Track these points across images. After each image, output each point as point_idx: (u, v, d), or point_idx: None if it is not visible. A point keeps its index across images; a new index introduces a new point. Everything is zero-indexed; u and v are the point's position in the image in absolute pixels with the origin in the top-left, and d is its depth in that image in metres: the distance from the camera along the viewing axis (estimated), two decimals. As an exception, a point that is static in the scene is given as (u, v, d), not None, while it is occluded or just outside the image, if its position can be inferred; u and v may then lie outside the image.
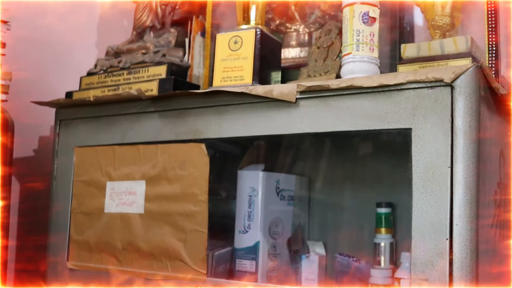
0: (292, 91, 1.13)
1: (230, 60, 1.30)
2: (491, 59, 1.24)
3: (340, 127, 1.10)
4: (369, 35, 1.18)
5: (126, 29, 1.92)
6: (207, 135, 1.26)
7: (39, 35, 1.75)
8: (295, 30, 1.60)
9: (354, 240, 1.50)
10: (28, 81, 1.66)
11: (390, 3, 1.44)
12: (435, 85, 1.02)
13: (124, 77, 1.52)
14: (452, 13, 1.31)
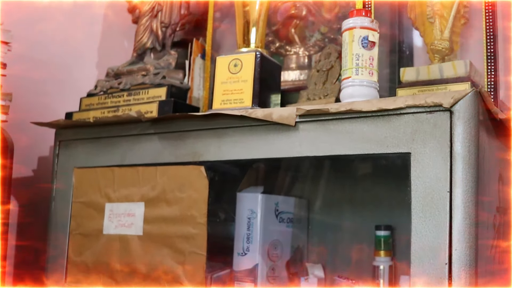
0: (292, 114, 1.14)
1: (230, 83, 1.30)
2: (490, 83, 1.25)
3: (339, 151, 1.11)
4: (368, 59, 1.18)
5: (127, 49, 1.93)
6: (206, 158, 1.26)
7: (40, 55, 1.75)
8: (295, 52, 1.61)
9: (353, 262, 1.49)
10: (28, 101, 1.67)
11: (390, 26, 1.45)
12: (434, 109, 1.02)
13: (124, 98, 1.52)
14: (451, 37, 1.31)
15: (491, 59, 1.24)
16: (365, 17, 1.20)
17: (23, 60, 1.64)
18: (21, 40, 1.56)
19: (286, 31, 1.64)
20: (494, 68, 1.25)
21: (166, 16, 1.61)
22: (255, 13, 1.36)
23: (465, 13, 1.33)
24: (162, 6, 1.62)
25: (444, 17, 1.33)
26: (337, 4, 1.57)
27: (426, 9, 1.34)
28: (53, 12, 1.79)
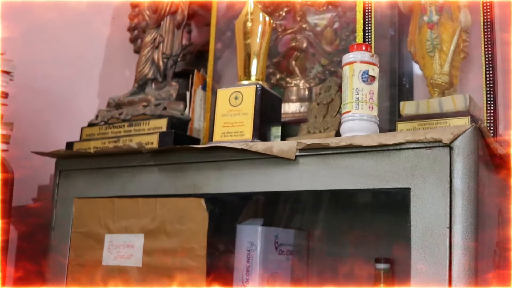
0: (292, 148, 1.14)
1: (230, 116, 1.31)
2: (490, 117, 1.25)
3: (339, 186, 1.11)
4: (368, 94, 1.19)
5: (128, 79, 1.94)
6: (206, 190, 1.26)
7: (41, 84, 1.76)
8: (296, 84, 1.61)
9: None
10: (30, 130, 1.67)
11: (390, 59, 1.46)
12: (433, 145, 1.03)
13: (125, 129, 1.53)
14: (450, 71, 1.32)
15: (490, 93, 1.25)
16: (365, 51, 1.21)
17: (25, 89, 1.64)
18: (22, 69, 1.56)
19: (286, 63, 1.65)
20: (493, 103, 1.25)
21: (167, 47, 1.62)
22: (256, 45, 1.37)
23: (465, 48, 1.34)
24: (163, 37, 1.63)
25: (443, 51, 1.34)
26: (338, 37, 1.58)
27: (425, 43, 1.35)
28: (54, 42, 1.80)
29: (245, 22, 1.38)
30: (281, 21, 1.69)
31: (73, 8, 1.88)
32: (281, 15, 1.69)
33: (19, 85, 1.53)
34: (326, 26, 1.61)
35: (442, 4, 1.36)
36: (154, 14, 1.68)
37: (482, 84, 1.27)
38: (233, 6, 1.75)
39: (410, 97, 1.48)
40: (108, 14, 2.02)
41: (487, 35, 1.26)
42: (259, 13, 1.38)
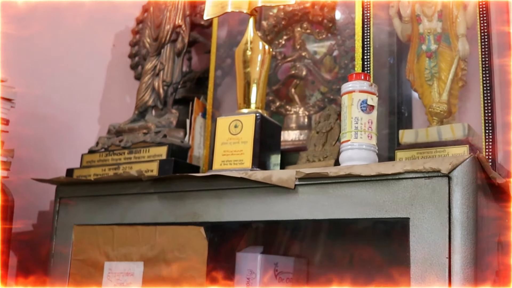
0: (291, 177, 1.14)
1: (230, 144, 1.31)
2: (488, 146, 1.25)
3: (338, 215, 1.11)
4: (367, 123, 1.19)
5: (129, 105, 1.95)
6: (206, 219, 1.26)
7: (42, 110, 1.77)
8: (295, 112, 1.62)
9: (353, 323, 1.48)
10: (30, 157, 1.67)
11: (389, 88, 1.47)
12: (432, 175, 1.03)
13: (125, 156, 1.54)
14: (449, 100, 1.33)
15: (489, 122, 1.25)
16: (364, 81, 1.22)
17: (26, 116, 1.65)
18: (23, 95, 1.57)
19: (286, 91, 1.66)
20: (492, 131, 1.26)
21: (167, 75, 1.63)
22: (256, 74, 1.38)
23: (463, 76, 1.35)
24: (164, 65, 1.64)
25: (442, 79, 1.35)
26: (337, 65, 1.59)
27: (424, 71, 1.36)
28: (55, 68, 1.81)
29: (245, 51, 1.39)
30: (280, 48, 1.70)
31: (74, 34, 1.89)
32: (281, 43, 1.70)
33: (20, 112, 1.54)
34: (326, 54, 1.62)
35: (440, 33, 1.37)
36: (154, 42, 1.69)
37: (481, 113, 1.28)
38: (233, 33, 1.77)
39: (409, 125, 1.48)
40: (109, 41, 2.03)
41: (485, 64, 1.27)
42: (258, 41, 1.39)
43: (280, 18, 1.69)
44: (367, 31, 1.41)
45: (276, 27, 1.70)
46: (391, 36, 1.49)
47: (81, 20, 1.92)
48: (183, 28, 1.66)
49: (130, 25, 2.05)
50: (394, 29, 1.46)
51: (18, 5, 1.69)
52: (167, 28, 1.67)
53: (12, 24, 1.67)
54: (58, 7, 1.84)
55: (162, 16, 1.69)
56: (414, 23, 1.41)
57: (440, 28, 1.37)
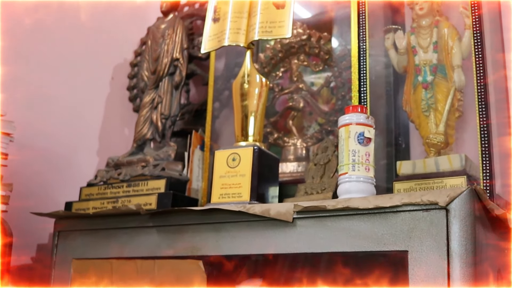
0: (289, 211, 1.14)
1: (228, 177, 1.32)
2: (486, 177, 1.25)
3: (336, 248, 1.11)
4: (364, 155, 1.20)
5: (127, 137, 1.96)
6: (204, 252, 1.26)
7: (41, 144, 1.77)
8: (293, 144, 1.63)
9: None
10: (29, 189, 1.67)
11: (386, 119, 1.47)
12: (430, 208, 1.03)
13: (124, 189, 1.54)
14: (446, 130, 1.34)
15: (486, 153, 1.25)
16: (361, 113, 1.23)
17: (25, 150, 1.65)
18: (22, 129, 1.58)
19: (284, 122, 1.67)
20: (489, 161, 1.26)
21: (166, 108, 1.64)
22: (253, 107, 1.39)
23: (459, 107, 1.36)
24: (162, 98, 1.65)
25: (438, 110, 1.36)
26: (334, 96, 1.60)
27: (421, 102, 1.37)
28: (54, 102, 1.82)
29: (242, 84, 1.40)
30: (278, 80, 1.71)
31: (73, 67, 1.90)
32: (278, 75, 1.71)
33: (18, 145, 1.55)
34: (323, 85, 1.63)
35: (436, 65, 1.38)
36: (152, 75, 1.70)
37: (478, 143, 1.28)
38: (230, 65, 1.78)
39: (407, 156, 1.48)
40: (108, 74, 2.05)
41: (480, 95, 1.28)
42: (255, 75, 1.40)
43: (277, 50, 1.70)
44: (363, 63, 1.42)
45: (273, 59, 1.71)
46: (387, 67, 1.50)
47: (79, 52, 1.93)
48: (181, 61, 1.67)
49: (128, 58, 2.07)
50: (390, 61, 1.47)
51: (17, 43, 1.70)
52: (165, 62, 1.68)
53: (12, 58, 1.68)
54: (56, 40, 1.86)
55: (160, 49, 1.70)
56: (410, 54, 1.43)
57: (436, 59, 1.38)
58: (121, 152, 1.73)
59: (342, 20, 1.60)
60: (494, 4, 1.47)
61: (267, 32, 1.37)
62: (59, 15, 1.88)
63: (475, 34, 1.31)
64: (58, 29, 1.87)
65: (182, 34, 1.70)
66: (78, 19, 1.94)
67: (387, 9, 1.56)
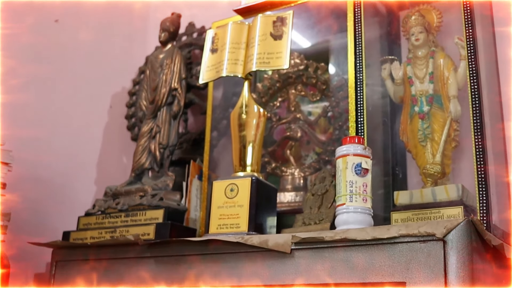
0: (287, 242, 1.15)
1: (226, 208, 1.32)
2: (482, 207, 1.25)
3: (334, 279, 1.11)
4: (362, 186, 1.20)
5: (126, 166, 1.96)
6: (203, 283, 1.26)
7: (39, 172, 1.77)
8: (291, 173, 1.63)
9: None
10: (26, 219, 1.67)
11: (383, 148, 1.48)
12: (427, 239, 1.03)
13: (122, 219, 1.54)
14: (443, 160, 1.34)
15: (482, 183, 1.26)
16: (358, 144, 1.24)
17: (23, 179, 1.66)
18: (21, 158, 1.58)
19: (282, 152, 1.68)
20: (486, 192, 1.26)
21: (164, 138, 1.65)
22: (251, 137, 1.40)
23: (456, 137, 1.37)
24: (160, 128, 1.66)
25: (435, 140, 1.37)
26: (331, 126, 1.61)
27: (417, 132, 1.38)
28: (52, 130, 1.83)
29: (240, 114, 1.41)
30: (275, 110, 1.72)
31: (71, 96, 1.91)
32: (276, 104, 1.73)
33: (17, 175, 1.55)
34: (320, 115, 1.64)
35: (432, 95, 1.39)
36: (151, 105, 1.71)
37: (474, 173, 1.28)
38: (228, 95, 1.79)
39: (404, 185, 1.49)
40: (106, 102, 2.06)
41: (476, 125, 1.28)
42: (253, 105, 1.41)
43: (274, 80, 1.72)
44: (360, 93, 1.43)
45: (271, 89, 1.72)
46: (384, 97, 1.51)
47: (78, 80, 1.94)
48: (179, 91, 1.68)
49: (126, 87, 2.08)
50: (387, 90, 1.48)
51: (16, 72, 1.71)
52: (163, 91, 1.69)
53: (10, 86, 1.69)
54: (54, 68, 1.87)
55: (158, 79, 1.72)
56: (406, 85, 1.44)
57: (432, 89, 1.40)
58: (119, 181, 1.74)
59: (339, 50, 1.62)
60: (489, 34, 1.48)
61: (265, 63, 1.38)
62: (58, 43, 1.90)
63: (471, 65, 1.32)
64: (57, 57, 1.89)
65: (180, 64, 1.71)
66: (77, 47, 1.96)
67: (384, 40, 1.57)
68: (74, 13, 1.97)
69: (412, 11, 1.50)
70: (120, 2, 2.17)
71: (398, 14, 1.61)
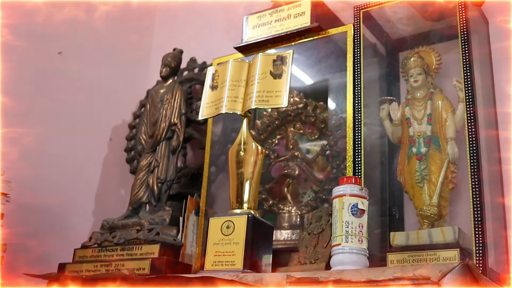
0: (282, 281, 1.14)
1: (222, 245, 1.32)
2: (478, 250, 1.25)
3: (328, 320, 1.11)
4: (358, 227, 1.21)
5: (123, 198, 1.96)
6: (197, 320, 1.26)
7: (37, 203, 1.77)
8: (288, 211, 1.64)
9: None
10: (23, 249, 1.67)
11: (381, 188, 1.48)
12: (422, 282, 1.03)
13: (118, 253, 1.53)
14: (439, 202, 1.35)
15: (478, 226, 1.25)
16: (355, 184, 1.24)
17: (21, 209, 1.66)
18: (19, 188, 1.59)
19: (279, 189, 1.68)
20: (481, 235, 1.25)
21: (162, 172, 1.66)
22: (248, 174, 1.40)
23: (453, 179, 1.37)
24: (159, 162, 1.67)
25: (432, 182, 1.37)
26: (329, 164, 1.62)
27: (415, 174, 1.39)
28: (51, 161, 1.83)
29: (238, 152, 1.41)
30: (274, 147, 1.73)
31: (72, 127, 1.92)
32: (274, 142, 1.73)
33: (15, 205, 1.55)
34: (318, 154, 1.65)
35: (430, 136, 1.40)
36: (150, 139, 1.72)
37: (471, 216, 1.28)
38: (228, 130, 1.80)
39: (401, 226, 1.49)
40: (106, 134, 2.07)
41: (473, 168, 1.28)
42: (251, 143, 1.41)
43: (274, 117, 1.72)
44: (358, 133, 1.44)
45: (270, 126, 1.73)
46: (382, 137, 1.52)
47: (79, 112, 1.95)
48: (179, 126, 1.69)
49: (127, 119, 2.10)
50: (385, 130, 1.49)
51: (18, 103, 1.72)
52: (162, 126, 1.70)
53: (11, 117, 1.70)
54: (56, 99, 1.88)
55: (158, 114, 1.72)
56: (404, 125, 1.45)
57: (430, 131, 1.41)
58: (117, 214, 1.73)
59: (338, 89, 1.63)
60: (488, 78, 1.50)
61: (264, 101, 1.39)
62: (61, 74, 1.91)
63: (468, 108, 1.32)
64: (59, 88, 1.90)
65: (180, 99, 1.72)
66: (79, 79, 1.97)
67: (383, 80, 1.59)
68: (77, 46, 1.99)
69: (411, 52, 1.51)
70: (123, 35, 2.19)
71: (397, 55, 1.63)
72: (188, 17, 2.28)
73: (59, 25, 1.93)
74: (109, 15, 2.12)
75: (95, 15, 2.07)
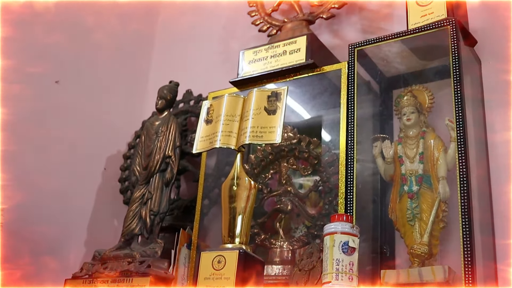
0: (271, 318, 1.15)
1: (213, 280, 1.31)
2: (468, 287, 1.25)
3: None
4: (348, 265, 1.21)
5: (116, 228, 1.96)
6: None
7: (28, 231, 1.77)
8: (279, 246, 1.64)
9: None
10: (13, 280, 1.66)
11: (373, 226, 1.49)
12: (411, 323, 1.04)
13: (108, 284, 1.53)
14: (430, 241, 1.36)
15: (468, 265, 1.25)
16: (346, 222, 1.25)
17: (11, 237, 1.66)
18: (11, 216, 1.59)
19: (271, 224, 1.68)
20: (471, 274, 1.25)
21: (155, 204, 1.66)
22: (241, 209, 1.40)
23: (444, 217, 1.38)
24: (152, 194, 1.67)
25: (423, 220, 1.38)
26: (322, 200, 1.62)
27: (406, 212, 1.40)
28: (43, 190, 1.83)
29: (231, 186, 1.41)
30: (267, 181, 1.73)
31: (67, 156, 1.93)
32: (267, 176, 1.74)
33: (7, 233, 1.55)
34: (311, 189, 1.65)
35: (422, 175, 1.41)
36: (144, 170, 1.72)
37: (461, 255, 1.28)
38: (221, 164, 1.80)
39: (392, 263, 1.49)
40: (101, 164, 2.07)
41: (464, 208, 1.29)
42: (244, 178, 1.42)
43: (267, 152, 1.73)
44: (351, 171, 1.45)
45: (263, 161, 1.74)
46: (374, 174, 1.53)
47: (74, 141, 1.96)
48: (173, 159, 1.70)
49: (122, 150, 2.10)
50: (378, 168, 1.50)
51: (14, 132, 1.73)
52: (157, 158, 1.71)
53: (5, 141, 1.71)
54: (51, 127, 1.89)
55: (153, 145, 1.73)
56: (396, 164, 1.46)
57: (422, 169, 1.42)
58: (108, 244, 1.73)
59: (331, 125, 1.64)
60: (480, 117, 1.51)
61: (258, 136, 1.40)
62: (57, 103, 1.92)
63: (460, 147, 1.33)
64: (55, 118, 1.91)
65: (175, 132, 1.73)
66: (76, 107, 1.97)
67: (376, 117, 1.60)
68: (74, 75, 2.01)
69: (404, 91, 1.53)
70: (120, 66, 2.21)
71: (391, 93, 1.65)
72: (185, 49, 2.30)
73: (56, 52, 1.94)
74: (106, 45, 2.14)
75: (93, 45, 2.09)
